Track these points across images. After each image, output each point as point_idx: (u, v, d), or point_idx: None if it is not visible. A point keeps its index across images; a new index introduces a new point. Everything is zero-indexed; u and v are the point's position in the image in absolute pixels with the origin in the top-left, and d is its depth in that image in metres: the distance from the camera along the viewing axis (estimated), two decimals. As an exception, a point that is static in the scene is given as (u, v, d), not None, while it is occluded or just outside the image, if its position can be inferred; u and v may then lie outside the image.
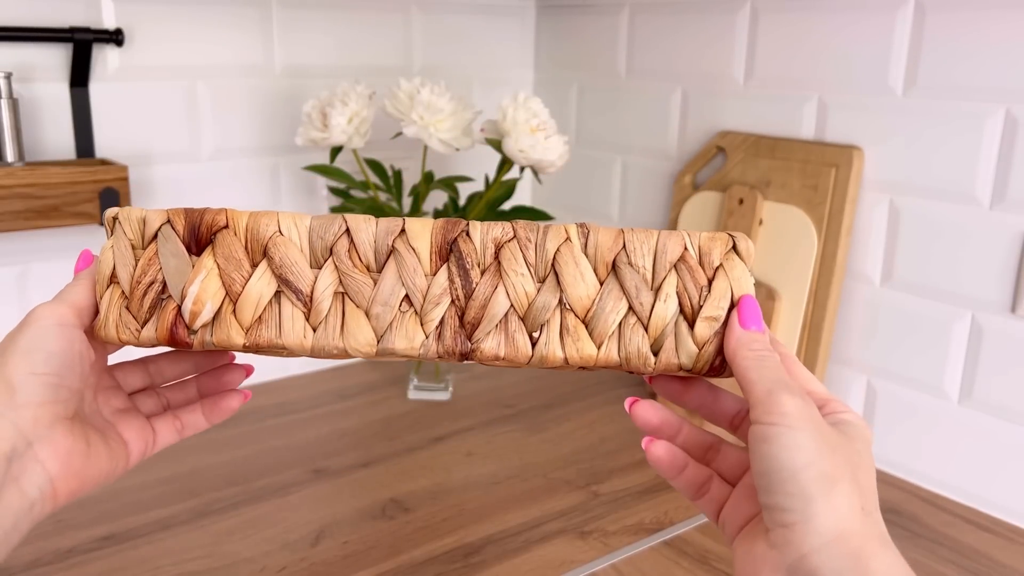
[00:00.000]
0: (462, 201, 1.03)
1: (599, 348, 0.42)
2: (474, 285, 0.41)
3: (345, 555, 0.72)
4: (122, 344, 0.43)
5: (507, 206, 1.03)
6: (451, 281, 0.41)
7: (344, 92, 0.93)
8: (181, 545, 0.72)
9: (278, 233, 0.41)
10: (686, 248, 0.42)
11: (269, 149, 1.04)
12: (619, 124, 1.13)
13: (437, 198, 1.14)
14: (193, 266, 0.42)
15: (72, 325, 0.41)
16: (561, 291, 0.42)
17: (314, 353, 0.42)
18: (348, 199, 1.00)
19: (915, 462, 0.86)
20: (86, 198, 0.84)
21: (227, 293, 0.41)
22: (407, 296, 0.41)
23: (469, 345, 0.41)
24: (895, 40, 0.82)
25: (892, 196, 0.85)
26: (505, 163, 0.96)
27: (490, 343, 0.41)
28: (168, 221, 0.42)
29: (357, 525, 0.76)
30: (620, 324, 0.42)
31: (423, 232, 0.41)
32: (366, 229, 0.41)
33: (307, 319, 0.41)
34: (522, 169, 0.97)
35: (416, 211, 1.01)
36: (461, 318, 0.41)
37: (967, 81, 0.78)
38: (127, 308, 0.42)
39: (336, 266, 0.41)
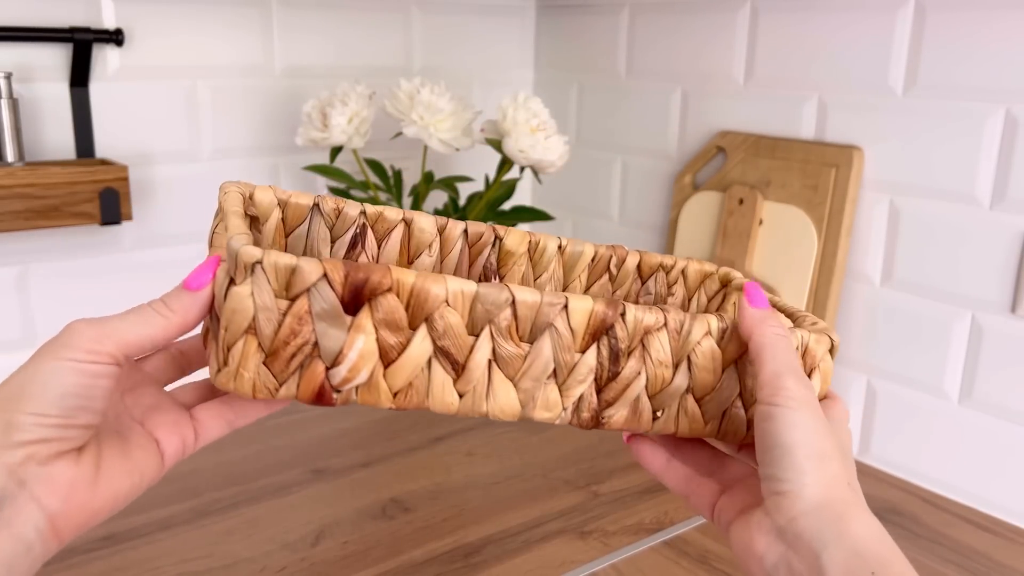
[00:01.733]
0: (462, 201, 1.03)
1: (706, 425, 0.44)
2: (620, 368, 0.42)
3: (345, 555, 0.72)
4: (236, 393, 0.38)
5: (507, 206, 1.03)
6: (600, 364, 0.42)
7: (344, 92, 0.93)
8: (181, 545, 0.72)
9: (445, 304, 0.39)
10: (797, 347, 0.43)
11: (269, 149, 1.04)
12: (619, 124, 1.13)
13: (437, 198, 1.14)
14: (348, 328, 0.38)
15: (106, 363, 0.36)
16: (691, 378, 0.43)
17: (455, 414, 0.41)
18: (348, 199, 1.00)
19: (915, 462, 0.86)
20: (86, 198, 0.84)
21: (381, 358, 0.39)
22: (555, 370, 0.41)
23: (601, 419, 0.43)
24: (895, 40, 0.82)
25: (892, 196, 0.85)
26: (505, 163, 0.96)
27: (618, 416, 0.43)
28: (325, 276, 0.37)
29: (357, 525, 0.76)
30: (727, 409, 0.44)
31: (583, 312, 0.41)
32: (531, 303, 0.40)
33: (455, 384, 0.40)
34: (522, 169, 0.97)
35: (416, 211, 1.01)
36: (599, 394, 0.42)
37: (967, 81, 0.78)
38: (266, 365, 0.37)
39: (492, 335, 0.40)
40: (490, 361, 0.40)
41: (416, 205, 1.01)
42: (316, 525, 0.76)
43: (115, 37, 0.88)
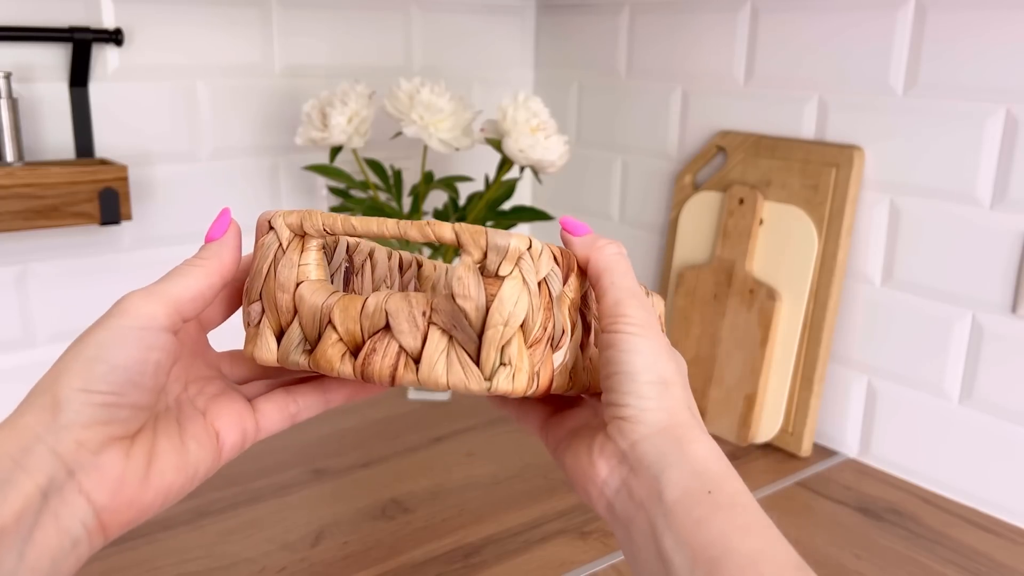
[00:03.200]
0: (462, 201, 1.03)
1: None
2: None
3: (345, 555, 0.72)
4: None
5: (507, 206, 1.03)
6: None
7: (344, 92, 0.93)
8: (181, 545, 0.72)
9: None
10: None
11: (269, 149, 1.04)
12: (619, 124, 1.13)
13: (437, 198, 1.14)
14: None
15: (160, 328, 0.35)
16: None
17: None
18: (348, 199, 1.00)
19: (915, 462, 0.86)
20: (86, 198, 0.83)
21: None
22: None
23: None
24: (896, 40, 0.82)
25: (892, 196, 0.85)
26: (505, 163, 0.96)
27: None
28: (555, 260, 0.39)
29: (357, 525, 0.76)
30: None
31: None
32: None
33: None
34: (522, 169, 0.97)
35: (416, 211, 1.01)
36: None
37: (968, 81, 0.78)
38: (529, 355, 0.37)
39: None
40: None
41: (416, 205, 1.01)
42: (316, 525, 0.76)
43: (115, 37, 0.88)
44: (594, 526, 0.77)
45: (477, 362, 0.36)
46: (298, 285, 0.39)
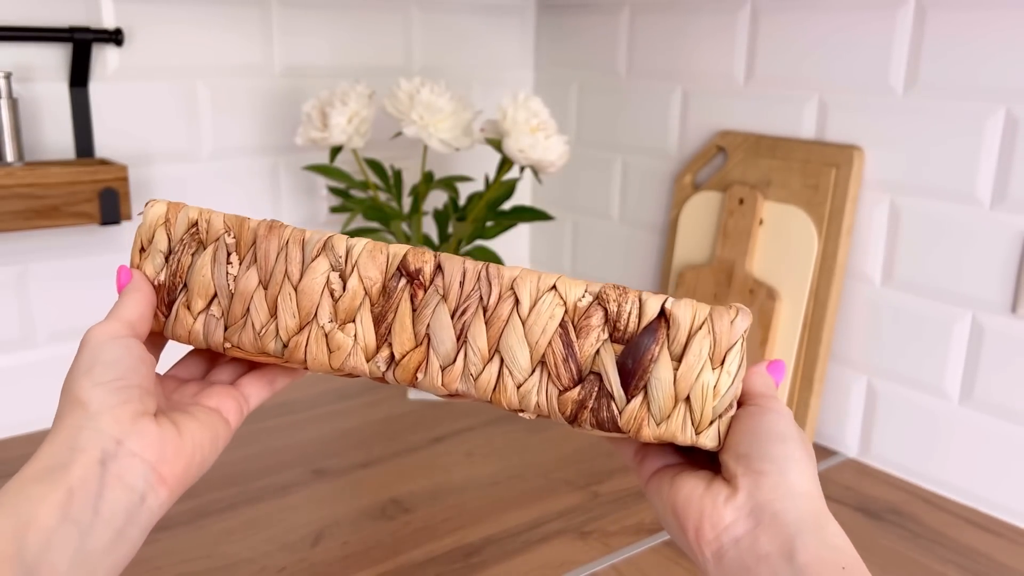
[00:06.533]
0: (462, 201, 1.03)
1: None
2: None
3: (345, 555, 0.72)
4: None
5: (507, 206, 1.03)
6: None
7: (344, 92, 0.93)
8: (181, 545, 0.72)
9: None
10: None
11: (269, 149, 1.04)
12: (619, 124, 1.13)
13: (437, 198, 1.14)
14: None
15: (125, 335, 0.43)
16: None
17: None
18: (348, 199, 1.00)
19: (915, 462, 0.86)
20: (86, 198, 0.83)
21: None
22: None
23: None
24: (896, 40, 0.82)
25: (892, 196, 0.85)
26: (505, 163, 0.96)
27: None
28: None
29: (357, 525, 0.76)
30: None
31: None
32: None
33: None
34: (522, 169, 0.97)
35: (416, 211, 1.01)
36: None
37: (967, 81, 0.78)
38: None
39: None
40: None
41: (416, 205, 1.01)
42: (316, 525, 0.76)
43: (115, 37, 0.88)
44: (594, 526, 0.77)
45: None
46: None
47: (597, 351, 0.39)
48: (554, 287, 0.39)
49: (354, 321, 0.42)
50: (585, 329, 0.39)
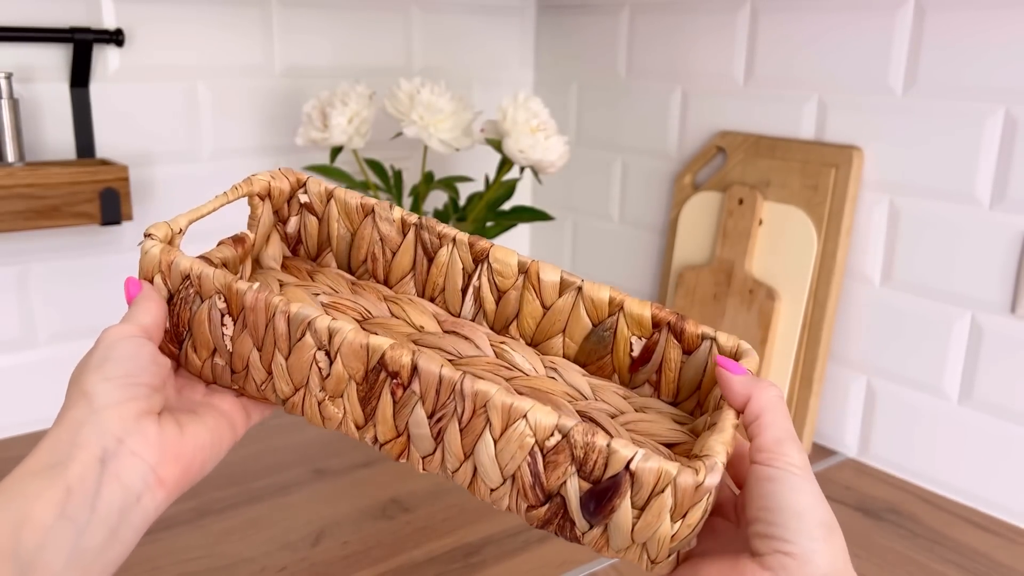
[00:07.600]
0: (462, 201, 1.03)
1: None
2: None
3: (345, 555, 0.72)
4: None
5: (507, 206, 1.03)
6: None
7: (344, 92, 0.93)
8: (181, 545, 0.73)
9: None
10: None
11: (269, 149, 1.04)
12: (619, 124, 1.13)
13: (437, 198, 1.14)
14: None
15: (138, 336, 0.43)
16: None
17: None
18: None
19: (915, 462, 0.86)
20: (86, 198, 0.84)
21: None
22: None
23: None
24: (895, 40, 0.82)
25: (892, 196, 0.85)
26: (505, 163, 0.96)
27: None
28: None
29: (357, 525, 0.76)
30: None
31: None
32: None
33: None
34: (522, 169, 0.97)
35: (416, 211, 1.01)
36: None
37: (967, 81, 0.78)
38: None
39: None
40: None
41: (416, 205, 1.01)
42: (316, 525, 0.76)
43: (115, 37, 0.88)
44: (594, 526, 0.77)
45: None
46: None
47: (564, 483, 0.39)
48: (525, 417, 0.39)
49: (342, 397, 0.43)
50: (552, 464, 0.39)
